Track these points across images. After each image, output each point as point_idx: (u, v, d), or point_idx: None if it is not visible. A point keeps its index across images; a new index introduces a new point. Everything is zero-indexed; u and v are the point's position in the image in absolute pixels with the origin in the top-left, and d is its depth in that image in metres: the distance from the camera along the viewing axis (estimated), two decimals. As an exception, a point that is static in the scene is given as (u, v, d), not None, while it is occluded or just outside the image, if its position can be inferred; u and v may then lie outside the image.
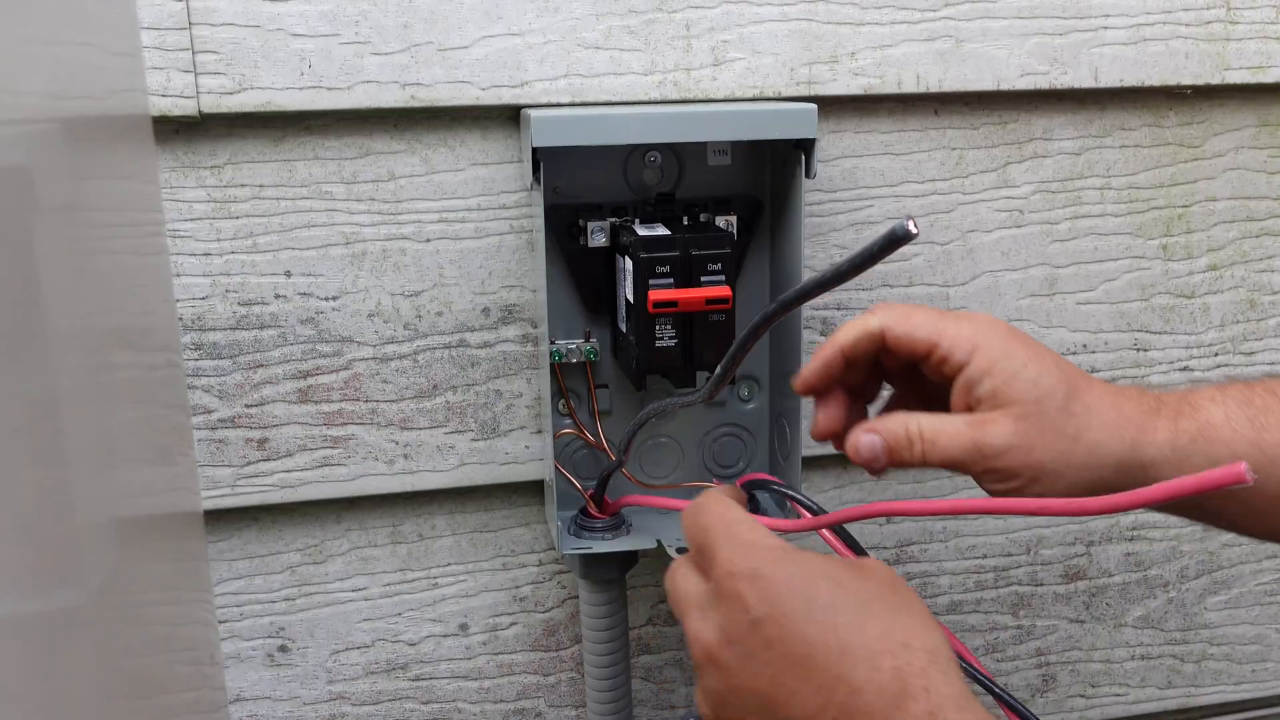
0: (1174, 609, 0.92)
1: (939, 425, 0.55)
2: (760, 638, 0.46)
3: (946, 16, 0.75)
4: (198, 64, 0.67)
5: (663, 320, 0.66)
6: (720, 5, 0.72)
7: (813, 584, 0.46)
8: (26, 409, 0.43)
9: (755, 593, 0.46)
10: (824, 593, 0.46)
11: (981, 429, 0.54)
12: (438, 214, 0.73)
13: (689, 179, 0.73)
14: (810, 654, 0.45)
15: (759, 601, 0.46)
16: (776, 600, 0.46)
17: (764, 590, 0.46)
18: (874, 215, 0.78)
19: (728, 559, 0.48)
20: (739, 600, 0.46)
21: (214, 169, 0.70)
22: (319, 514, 0.78)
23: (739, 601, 0.46)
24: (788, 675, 0.45)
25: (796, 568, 0.47)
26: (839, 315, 0.79)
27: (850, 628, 0.45)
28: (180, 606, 0.69)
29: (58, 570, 0.45)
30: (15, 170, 0.44)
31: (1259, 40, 0.80)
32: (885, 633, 0.45)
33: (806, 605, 0.45)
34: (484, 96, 0.70)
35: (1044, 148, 0.80)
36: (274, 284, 0.72)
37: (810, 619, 0.45)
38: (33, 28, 0.47)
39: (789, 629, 0.45)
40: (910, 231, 0.45)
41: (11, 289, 0.42)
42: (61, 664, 0.44)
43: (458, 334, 0.75)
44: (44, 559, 0.44)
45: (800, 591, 0.46)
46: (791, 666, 0.45)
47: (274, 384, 0.73)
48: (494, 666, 0.83)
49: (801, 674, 0.45)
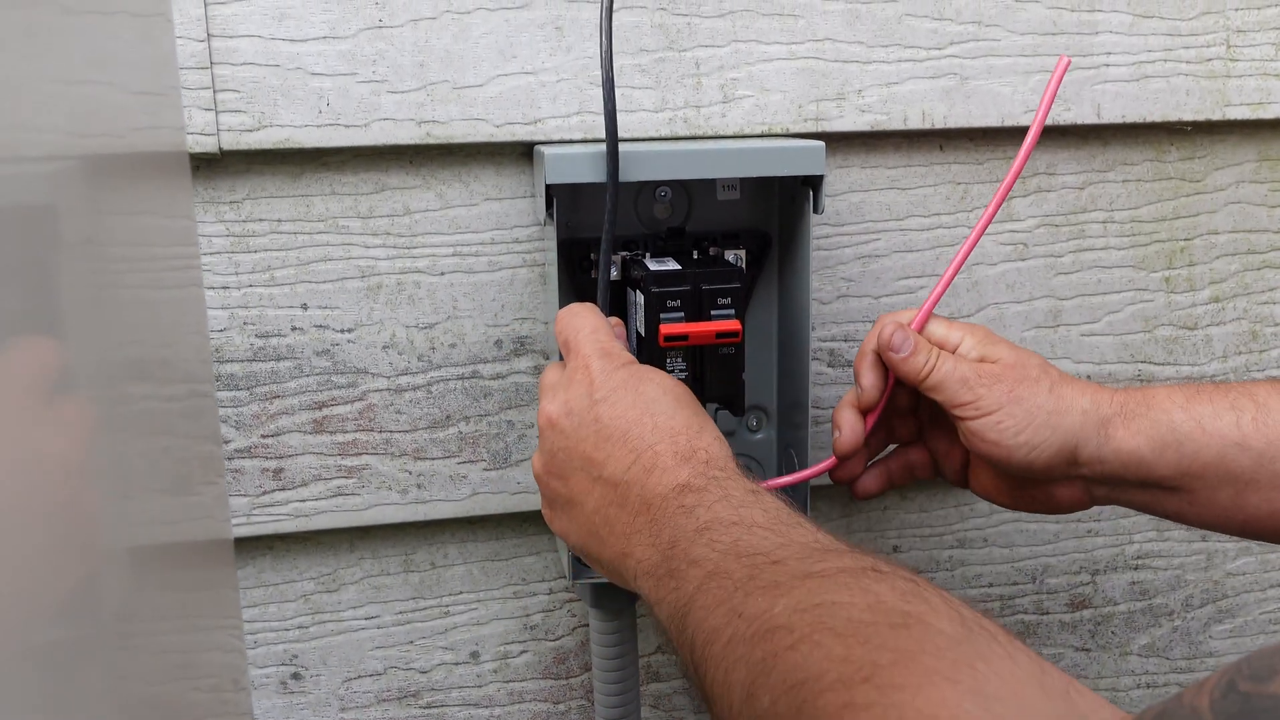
0: (1179, 638, 0.93)
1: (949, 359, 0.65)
2: (594, 413, 0.58)
3: (951, 54, 0.77)
4: (218, 102, 0.68)
5: (673, 354, 0.67)
6: (729, 44, 0.74)
7: (644, 383, 0.59)
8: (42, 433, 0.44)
9: (601, 378, 0.59)
10: (649, 390, 0.59)
11: (976, 368, 0.64)
12: (452, 248, 0.74)
13: (698, 213, 0.75)
14: (629, 427, 0.57)
15: (601, 385, 0.59)
16: (614, 389, 0.58)
17: (607, 378, 0.59)
18: (880, 249, 0.80)
19: (587, 354, 0.60)
20: (588, 383, 0.59)
21: (233, 204, 0.71)
22: (333, 543, 0.79)
23: (587, 384, 0.59)
24: (609, 443, 0.57)
25: (634, 369, 0.59)
26: (846, 347, 0.81)
27: (664, 414, 0.57)
28: (207, 634, 0.70)
29: (76, 597, 0.46)
30: (39, 206, 0.45)
31: (1259, 77, 0.81)
32: (687, 422, 0.57)
33: (635, 396, 0.58)
34: (498, 133, 0.72)
35: (1047, 182, 0.81)
36: (290, 316, 0.73)
37: (635, 405, 0.58)
38: (63, 67, 0.49)
39: (617, 408, 0.58)
40: None
41: (33, 318, 0.43)
42: (79, 691, 0.45)
43: (471, 365, 0.76)
44: (62, 585, 0.44)
45: (633, 385, 0.59)
46: (614, 436, 0.57)
47: (290, 415, 0.75)
48: (505, 694, 0.83)
49: (621, 440, 0.57)
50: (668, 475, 0.55)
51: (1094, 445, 0.63)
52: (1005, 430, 0.62)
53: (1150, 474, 0.63)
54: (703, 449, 0.56)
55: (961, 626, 0.41)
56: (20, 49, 0.42)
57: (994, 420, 0.63)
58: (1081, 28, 0.78)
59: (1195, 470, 0.62)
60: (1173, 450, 0.62)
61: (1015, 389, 0.63)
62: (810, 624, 0.42)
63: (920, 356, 0.64)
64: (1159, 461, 0.63)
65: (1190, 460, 0.62)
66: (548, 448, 0.60)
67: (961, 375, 0.63)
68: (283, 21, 0.68)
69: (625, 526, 0.56)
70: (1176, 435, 0.62)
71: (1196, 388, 0.64)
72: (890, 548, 0.86)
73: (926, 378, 0.64)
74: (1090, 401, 0.64)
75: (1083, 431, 0.63)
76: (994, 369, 0.64)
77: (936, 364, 0.64)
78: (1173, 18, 0.79)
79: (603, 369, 0.59)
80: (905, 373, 0.65)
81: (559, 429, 0.59)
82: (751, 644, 0.44)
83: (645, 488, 0.55)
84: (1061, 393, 0.63)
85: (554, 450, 0.60)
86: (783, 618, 0.43)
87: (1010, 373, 0.63)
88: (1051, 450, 0.63)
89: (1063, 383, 0.64)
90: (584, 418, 0.58)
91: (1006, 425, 0.62)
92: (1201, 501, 0.63)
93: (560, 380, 0.61)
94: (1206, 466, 0.62)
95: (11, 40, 0.41)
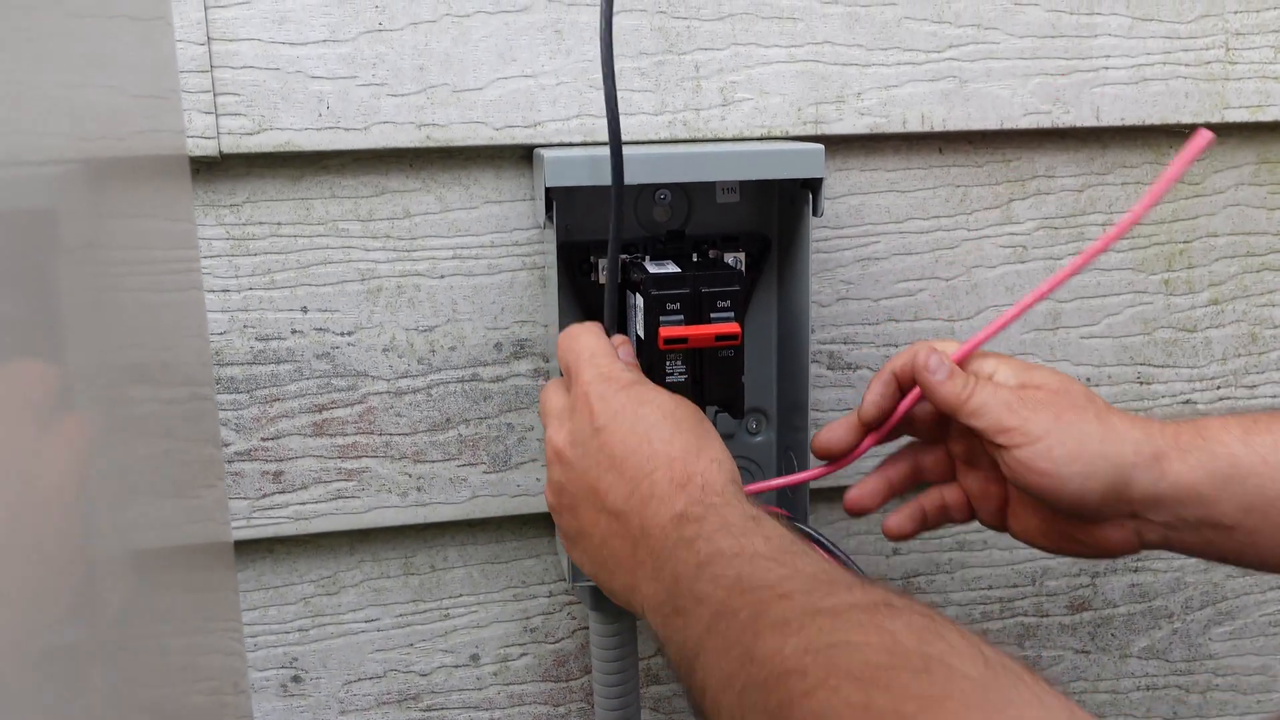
0: (1179, 640, 0.93)
1: (986, 388, 0.61)
2: (596, 442, 0.57)
3: (951, 57, 0.77)
4: (219, 105, 0.69)
5: (673, 356, 0.67)
6: (729, 47, 0.74)
7: (644, 407, 0.57)
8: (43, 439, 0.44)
9: (601, 407, 0.57)
10: (649, 414, 0.57)
11: (1018, 393, 0.60)
12: (452, 250, 0.74)
13: (698, 216, 0.75)
14: (627, 456, 0.56)
15: (602, 414, 0.57)
16: (614, 415, 0.57)
17: (606, 405, 0.57)
18: (880, 251, 0.80)
19: (588, 380, 0.59)
20: (589, 413, 0.58)
21: (233, 207, 0.72)
22: (332, 546, 0.79)
23: (589, 413, 0.58)
24: (610, 472, 0.56)
25: (635, 393, 0.58)
26: (845, 349, 0.81)
27: (661, 438, 0.56)
28: (207, 637, 0.70)
29: (73, 601, 0.46)
30: (41, 210, 0.45)
31: (1258, 80, 0.81)
32: (685, 446, 0.56)
33: (634, 421, 0.57)
34: (498, 136, 0.72)
35: (1047, 185, 0.82)
36: (290, 319, 0.73)
37: (634, 431, 0.56)
38: (65, 71, 0.49)
39: (616, 436, 0.56)
40: None
41: (33, 323, 0.43)
42: (80, 695, 0.45)
43: (470, 368, 0.76)
44: (59, 590, 0.45)
45: (632, 411, 0.57)
46: (614, 465, 0.56)
47: (290, 418, 0.75)
48: (505, 697, 0.83)
49: (619, 470, 0.56)
50: (665, 504, 0.54)
51: (1148, 481, 0.58)
52: (1057, 459, 0.57)
53: (1209, 512, 0.58)
54: (699, 474, 0.55)
55: (985, 667, 0.39)
56: (21, 53, 0.42)
57: (1044, 448, 0.57)
58: (1080, 31, 0.78)
59: (1260, 507, 0.57)
60: (1235, 485, 0.57)
61: (1062, 415, 0.58)
62: (825, 668, 0.41)
63: (958, 380, 0.60)
64: (1220, 498, 0.58)
65: (1255, 496, 0.57)
66: (556, 479, 0.60)
67: (1004, 400, 0.58)
68: (283, 25, 0.68)
69: (630, 559, 0.55)
70: (1239, 470, 0.57)
71: (1253, 418, 0.59)
72: (890, 550, 0.86)
73: (967, 401, 0.59)
74: (1142, 433, 0.58)
75: (1135, 465, 0.58)
76: (1038, 394, 0.59)
77: (975, 388, 0.60)
78: (1172, 21, 0.79)
79: (602, 394, 0.58)
80: (943, 397, 0.60)
81: (565, 461, 0.59)
82: (765, 691, 0.42)
83: (644, 518, 0.54)
84: (1110, 422, 0.58)
85: (562, 483, 0.59)
86: (794, 660, 0.42)
87: (1055, 399, 0.59)
88: (1105, 483, 0.57)
89: (1109, 412, 0.59)
90: (587, 447, 0.57)
91: (1058, 453, 0.57)
92: (1266, 542, 0.58)
93: (564, 407, 0.60)
94: (1272, 503, 0.57)
95: (13, 44, 0.41)
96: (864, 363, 0.81)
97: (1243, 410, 0.82)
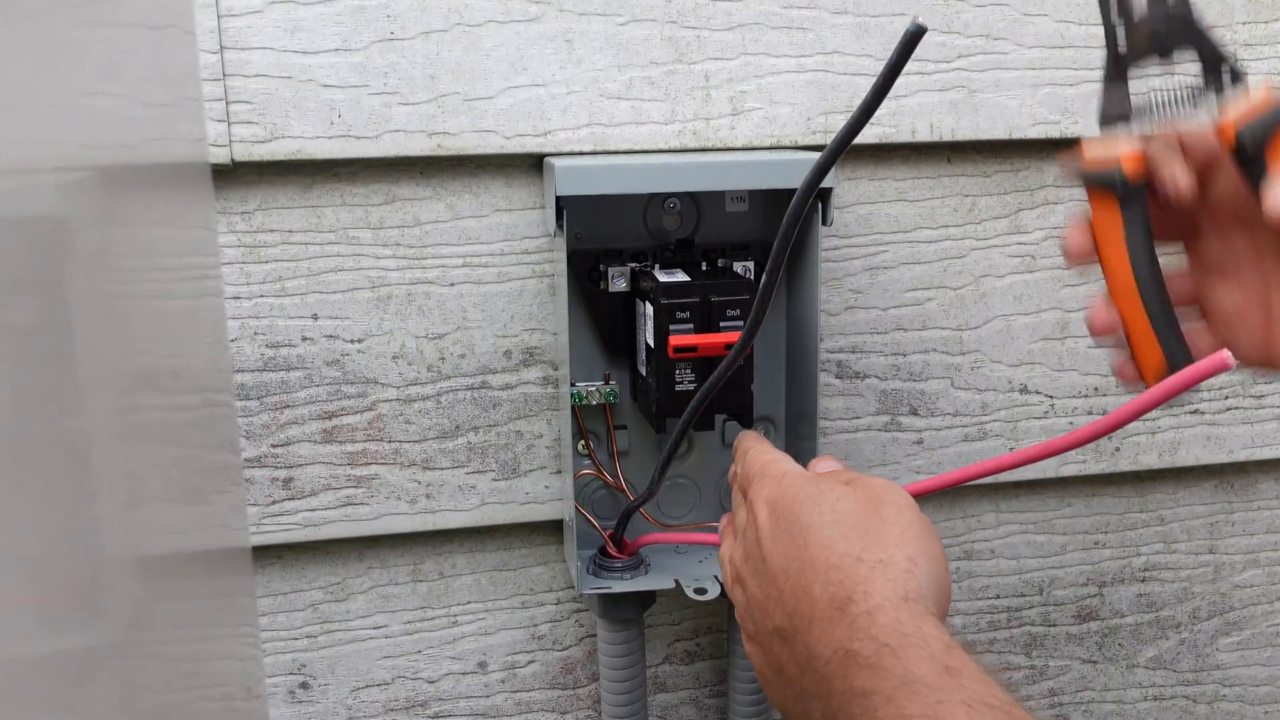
0: (1186, 650, 0.93)
1: None
2: (761, 555, 0.52)
3: (959, 68, 0.77)
4: (231, 114, 0.69)
5: (682, 365, 0.68)
6: (739, 56, 0.74)
7: (801, 509, 0.51)
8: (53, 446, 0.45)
9: (765, 519, 0.53)
10: (807, 516, 0.51)
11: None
12: (462, 259, 0.75)
13: (707, 225, 0.75)
14: (786, 567, 0.50)
15: (765, 525, 0.52)
16: (774, 525, 0.52)
17: (768, 516, 0.53)
18: (889, 260, 0.80)
19: (756, 491, 0.55)
20: (754, 525, 0.53)
21: (244, 215, 0.72)
22: (341, 552, 0.79)
23: (754, 527, 0.53)
24: (769, 588, 0.51)
25: (796, 492, 0.52)
26: (854, 358, 0.81)
27: (820, 543, 0.49)
28: (223, 642, 0.70)
29: (86, 605, 0.46)
30: (59, 217, 0.46)
31: (1266, 91, 0.81)
32: (846, 550, 0.49)
33: (790, 528, 0.51)
34: (508, 145, 0.72)
35: (1055, 195, 0.82)
36: (301, 327, 0.74)
37: (794, 539, 0.50)
38: (82, 79, 0.49)
39: (778, 545, 0.51)
40: (922, 27, 0.49)
41: (49, 329, 0.44)
42: (95, 699, 0.45)
43: (480, 376, 0.76)
44: (72, 595, 0.45)
45: (788, 516, 0.52)
46: (771, 582, 0.51)
47: (299, 424, 0.75)
48: (512, 704, 0.83)
49: (774, 588, 0.50)
50: (827, 632, 0.47)
51: None
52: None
53: None
54: (860, 589, 0.47)
55: None
56: (35, 61, 0.42)
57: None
58: (1089, 41, 0.78)
59: None
60: None
61: None
62: None
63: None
64: None
65: None
66: (738, 599, 0.55)
67: None
68: (295, 34, 0.69)
69: (798, 685, 0.49)
70: None
71: None
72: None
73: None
74: None
75: None
76: None
77: None
78: (1180, 31, 0.79)
79: (769, 498, 0.53)
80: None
81: (742, 580, 0.54)
82: None
83: (808, 645, 0.47)
84: None
85: (743, 604, 0.54)
86: None
87: None
88: None
89: None
90: (756, 565, 0.53)
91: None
92: None
93: (741, 523, 0.56)
94: None
95: (26, 52, 0.41)
96: (871, 371, 0.81)
97: None
